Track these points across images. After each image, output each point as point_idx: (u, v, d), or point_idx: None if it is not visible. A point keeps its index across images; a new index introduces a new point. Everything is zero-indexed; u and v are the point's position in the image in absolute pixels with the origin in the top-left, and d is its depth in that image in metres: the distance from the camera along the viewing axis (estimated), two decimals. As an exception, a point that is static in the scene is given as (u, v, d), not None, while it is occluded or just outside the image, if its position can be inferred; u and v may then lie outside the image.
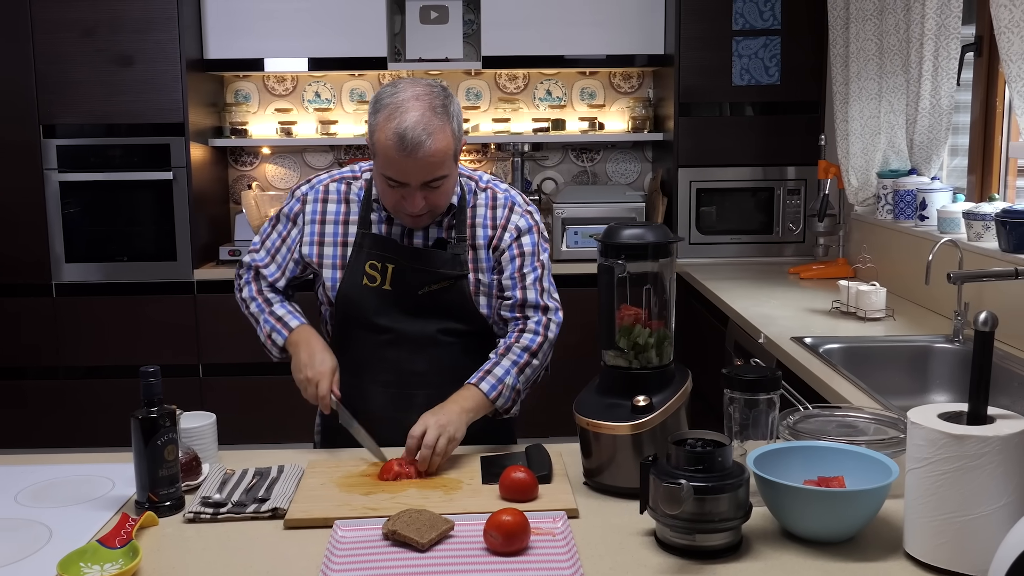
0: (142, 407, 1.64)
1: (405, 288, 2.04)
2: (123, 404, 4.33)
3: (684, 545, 1.45)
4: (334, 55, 4.52)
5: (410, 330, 2.06)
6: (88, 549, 1.46)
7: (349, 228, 2.09)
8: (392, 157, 1.90)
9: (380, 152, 1.93)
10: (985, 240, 2.91)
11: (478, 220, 2.08)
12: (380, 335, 2.06)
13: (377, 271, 2.04)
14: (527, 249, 2.07)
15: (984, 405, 1.39)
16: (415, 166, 1.90)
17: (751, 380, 1.63)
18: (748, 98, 4.39)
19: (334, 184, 2.13)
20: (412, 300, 2.05)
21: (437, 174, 1.93)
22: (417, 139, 1.87)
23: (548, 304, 2.08)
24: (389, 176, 1.93)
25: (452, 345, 2.08)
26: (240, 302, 2.20)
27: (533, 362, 2.03)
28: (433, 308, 2.06)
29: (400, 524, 1.51)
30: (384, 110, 1.92)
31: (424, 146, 1.88)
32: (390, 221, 2.07)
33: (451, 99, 1.97)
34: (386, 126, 1.90)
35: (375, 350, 2.08)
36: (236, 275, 2.23)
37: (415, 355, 2.06)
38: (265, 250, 2.17)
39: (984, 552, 1.32)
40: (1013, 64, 2.59)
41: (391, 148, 1.89)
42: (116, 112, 4.30)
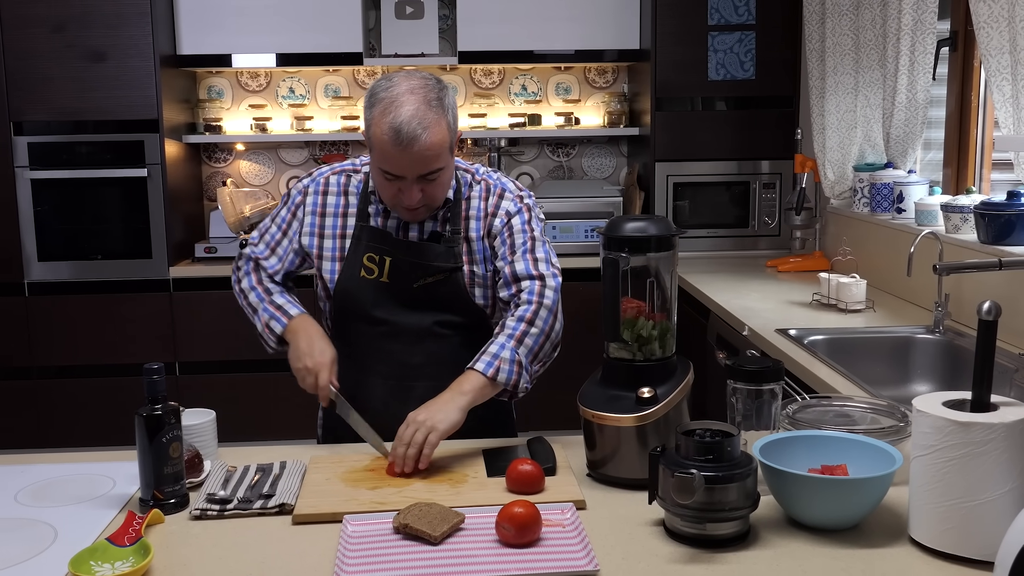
0: (146, 404, 1.62)
1: (402, 281, 2.05)
2: (97, 404, 4.30)
3: (694, 534, 1.46)
4: (307, 50, 4.50)
5: (407, 322, 2.06)
6: (98, 547, 1.45)
7: (348, 220, 2.09)
8: (388, 151, 1.90)
9: (376, 146, 1.93)
10: (963, 232, 2.96)
11: (472, 212, 2.09)
12: (377, 327, 2.07)
13: (375, 263, 2.05)
14: (516, 228, 2.07)
15: (988, 393, 1.41)
16: (411, 160, 1.90)
17: (755, 371, 1.65)
18: (723, 93, 4.42)
19: (334, 177, 2.14)
20: (409, 293, 2.05)
21: (433, 167, 1.93)
22: (413, 133, 1.87)
23: (543, 272, 2.03)
24: (386, 170, 1.94)
25: (449, 337, 2.09)
26: (238, 293, 2.19)
27: (531, 330, 1.96)
28: (429, 300, 2.06)
29: (411, 518, 1.51)
30: (379, 104, 1.92)
31: (420, 140, 1.88)
32: (387, 214, 2.07)
33: (446, 91, 1.97)
34: (381, 120, 1.90)
35: (373, 342, 2.08)
36: (234, 267, 2.22)
37: (412, 347, 2.07)
38: (264, 243, 2.17)
39: (989, 537, 1.35)
40: (992, 59, 2.64)
41: (387, 143, 1.89)
42: (88, 108, 4.25)
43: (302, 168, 4.94)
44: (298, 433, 4.01)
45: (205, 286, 4.34)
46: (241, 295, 2.18)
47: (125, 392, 4.25)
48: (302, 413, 4.28)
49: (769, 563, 1.42)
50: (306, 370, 1.97)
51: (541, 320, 1.99)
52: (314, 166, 4.86)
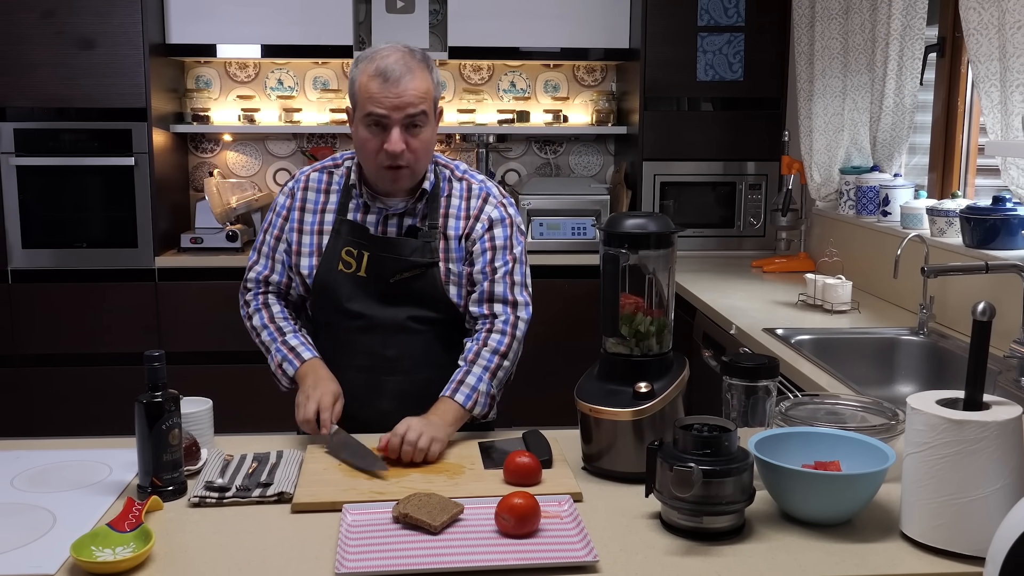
0: (146, 391, 1.63)
1: (378, 275, 2.07)
2: (81, 393, 4.28)
3: (691, 527, 1.49)
4: (296, 42, 4.49)
5: (381, 316, 2.08)
6: (99, 533, 1.45)
7: (326, 217, 2.11)
8: (374, 92, 1.96)
9: (362, 94, 1.98)
10: (948, 236, 3.00)
11: (452, 211, 2.10)
12: (353, 320, 2.09)
13: (353, 257, 2.07)
14: (499, 243, 2.09)
15: (980, 392, 1.44)
16: (396, 99, 1.95)
17: (751, 367, 1.67)
18: (712, 93, 4.45)
19: (315, 174, 2.16)
20: (385, 287, 2.07)
21: (418, 108, 1.98)
22: (398, 73, 1.95)
23: (517, 299, 2.08)
24: (369, 113, 1.97)
25: (423, 332, 2.10)
26: (250, 330, 2.17)
27: (504, 363, 2.03)
28: (404, 295, 2.08)
29: (411, 507, 1.52)
30: (365, 59, 2.01)
31: (404, 80, 1.95)
32: (366, 209, 2.09)
33: (429, 57, 2.05)
34: (368, 68, 1.98)
35: (349, 335, 2.10)
36: (242, 302, 2.19)
37: (387, 341, 2.09)
38: (263, 256, 2.17)
39: (980, 532, 1.38)
40: (981, 65, 2.68)
41: (373, 83, 1.96)
42: (76, 96, 4.22)
43: (289, 160, 4.93)
44: (283, 425, 4.00)
45: (191, 276, 4.32)
46: (253, 332, 2.17)
47: (109, 381, 4.24)
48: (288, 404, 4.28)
49: (764, 556, 1.44)
50: (307, 399, 1.94)
51: (513, 354, 2.06)
52: (301, 158, 4.88)
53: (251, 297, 2.17)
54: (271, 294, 2.16)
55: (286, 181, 2.21)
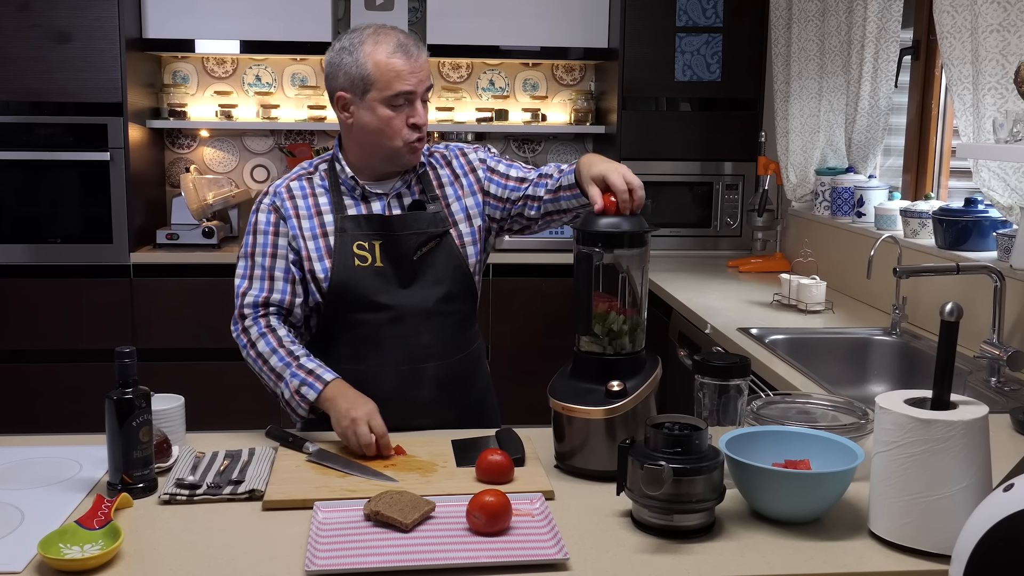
0: (117, 388, 1.62)
1: (397, 260, 2.05)
2: (56, 389, 4.25)
3: (661, 525, 1.49)
4: (274, 38, 4.47)
5: (410, 304, 2.07)
6: (67, 530, 1.45)
7: (324, 219, 2.08)
8: (399, 68, 1.98)
9: (383, 72, 1.99)
10: (921, 237, 3.03)
11: (443, 180, 2.15)
12: (382, 313, 2.06)
13: (365, 250, 2.05)
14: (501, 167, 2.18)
15: (948, 392, 1.46)
16: (420, 71, 2.01)
17: (722, 366, 1.68)
18: (689, 94, 4.47)
19: (294, 183, 2.12)
20: (406, 270, 2.06)
21: (430, 82, 2.06)
22: (416, 45, 2.02)
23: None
24: (399, 92, 1.99)
25: (451, 314, 2.11)
26: (253, 359, 2.01)
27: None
28: (428, 274, 2.08)
29: (382, 505, 1.52)
30: (367, 41, 2.00)
31: (422, 52, 2.03)
32: (365, 200, 2.09)
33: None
34: (379, 48, 1.99)
35: (379, 330, 2.06)
36: (239, 331, 2.04)
37: (420, 327, 2.07)
38: (257, 279, 2.05)
39: (947, 531, 1.39)
40: (955, 68, 2.70)
41: (397, 60, 1.98)
42: (51, 90, 4.19)
43: (267, 156, 4.91)
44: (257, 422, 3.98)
45: (166, 272, 4.30)
46: (257, 360, 2.00)
47: (82, 378, 4.21)
48: (262, 402, 4.27)
49: (733, 554, 1.45)
50: (353, 422, 1.81)
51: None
52: (279, 155, 4.86)
53: (251, 323, 2.03)
54: (272, 316, 2.04)
55: (260, 198, 2.11)
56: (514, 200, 2.13)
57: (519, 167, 2.18)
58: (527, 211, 2.12)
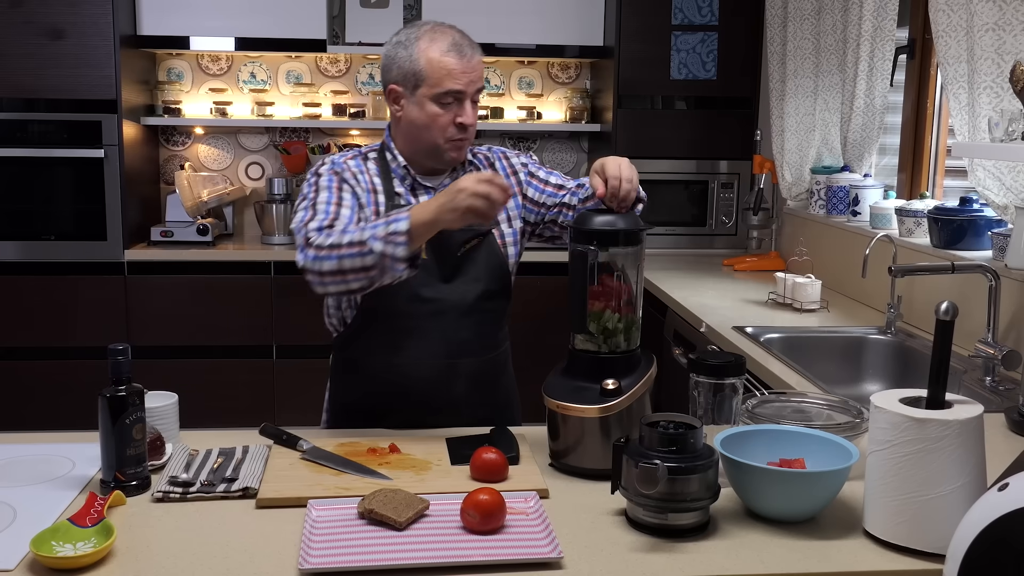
0: (110, 385, 1.61)
1: (441, 254, 2.05)
2: (50, 386, 4.24)
3: (655, 524, 1.49)
4: (269, 35, 4.46)
5: (451, 298, 2.06)
6: (59, 528, 1.44)
7: (378, 197, 2.08)
8: (452, 67, 1.99)
9: (435, 71, 2.00)
10: (916, 236, 3.03)
11: None
12: (424, 305, 2.05)
13: None
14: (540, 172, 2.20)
15: (943, 391, 1.45)
16: (472, 73, 2.03)
17: (717, 365, 1.68)
18: (685, 92, 4.47)
19: (351, 160, 2.13)
20: (449, 265, 2.06)
21: (482, 83, 2.08)
22: (470, 45, 2.04)
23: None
24: (448, 91, 2.00)
25: (491, 312, 2.12)
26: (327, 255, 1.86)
27: None
28: (470, 270, 2.08)
29: (376, 503, 1.52)
30: (421, 39, 2.02)
31: (477, 52, 2.05)
32: (414, 191, 2.10)
33: None
34: (433, 46, 2.01)
35: (420, 322, 2.05)
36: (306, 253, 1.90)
37: (458, 323, 2.07)
38: (322, 212, 1.97)
39: (941, 530, 1.39)
40: (950, 67, 2.70)
41: (450, 59, 2.00)
42: (45, 87, 4.18)
43: (262, 154, 4.90)
44: (253, 420, 3.97)
45: (160, 270, 4.29)
46: (332, 252, 1.86)
47: (76, 375, 4.20)
48: (257, 399, 4.26)
49: (728, 553, 1.45)
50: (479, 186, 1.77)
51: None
52: (274, 152, 4.85)
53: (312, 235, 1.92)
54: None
55: (315, 167, 2.09)
56: (550, 206, 2.16)
57: (558, 175, 2.21)
58: (560, 218, 2.15)
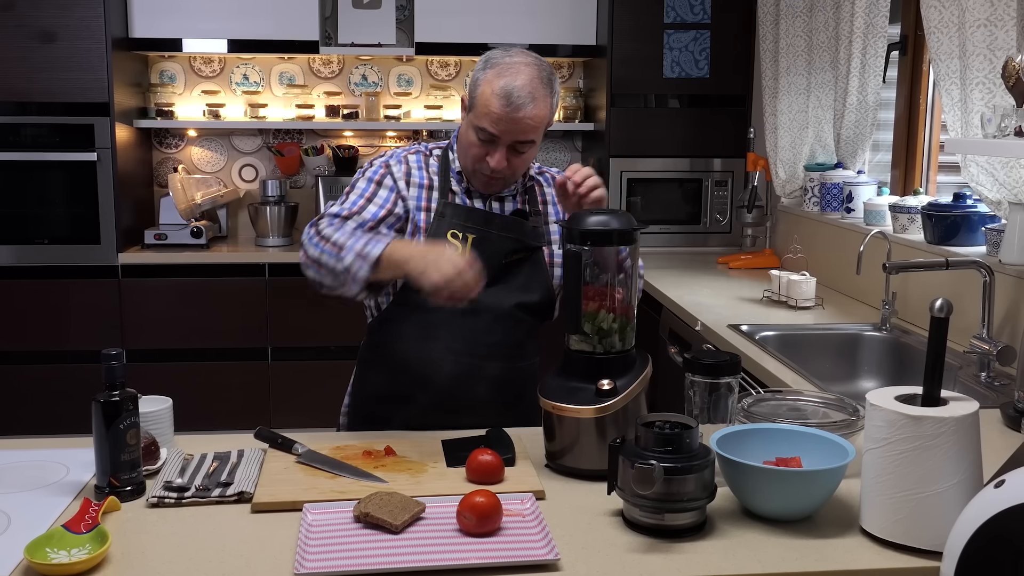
0: (104, 390, 1.61)
1: (485, 258, 1.99)
2: (44, 391, 4.23)
3: (652, 524, 1.49)
4: (261, 37, 4.46)
5: (488, 301, 2.03)
6: (54, 534, 1.43)
7: (432, 194, 2.09)
8: (493, 111, 1.96)
9: (481, 104, 1.98)
10: (910, 232, 3.03)
11: (548, 198, 2.17)
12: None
13: (458, 240, 2.04)
14: None
15: (938, 388, 1.45)
16: (512, 125, 1.96)
17: (713, 364, 1.67)
18: (678, 90, 4.47)
19: (412, 156, 2.14)
20: (492, 270, 2.03)
21: (528, 137, 2.00)
22: (521, 100, 1.95)
23: None
24: (483, 128, 1.98)
25: (525, 322, 2.11)
26: (314, 243, 1.94)
27: None
28: (511, 279, 2.08)
29: (372, 506, 1.51)
30: (496, 67, 1.99)
31: (526, 108, 1.96)
32: (470, 193, 2.10)
33: (555, 77, 2.06)
34: (495, 81, 1.97)
35: (451, 318, 2.03)
36: (307, 231, 1.99)
37: (491, 326, 2.06)
38: (345, 206, 2.03)
39: (938, 528, 1.39)
40: (942, 63, 2.70)
41: (495, 103, 1.96)
42: (37, 90, 4.17)
43: (255, 156, 4.89)
44: (248, 423, 3.97)
45: (155, 273, 4.29)
46: (320, 243, 1.93)
47: (70, 379, 4.19)
48: (251, 402, 4.25)
49: (725, 553, 1.44)
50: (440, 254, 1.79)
51: None
52: (267, 154, 4.84)
53: (322, 221, 2.00)
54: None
55: (374, 158, 2.12)
56: None
57: None
58: None
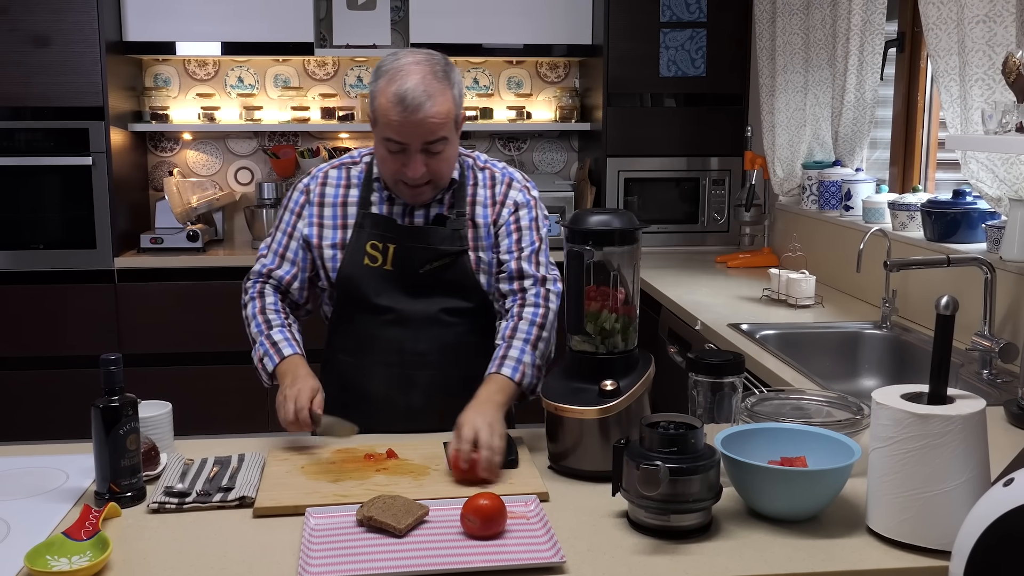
0: (103, 395, 1.59)
1: (407, 267, 2.04)
2: (41, 396, 4.21)
3: (658, 526, 1.47)
4: (256, 39, 4.44)
5: (412, 310, 2.05)
6: (54, 541, 1.42)
7: (348, 210, 2.08)
8: (393, 119, 1.92)
9: (381, 116, 1.94)
10: (910, 230, 3.02)
11: (478, 198, 2.10)
12: (381, 315, 2.05)
13: (378, 251, 2.04)
14: (524, 223, 2.09)
15: (944, 386, 1.44)
16: (415, 127, 1.92)
17: (716, 364, 1.66)
18: (674, 89, 4.46)
19: (333, 171, 2.13)
20: (414, 279, 2.04)
21: (438, 135, 1.94)
22: (417, 100, 1.90)
23: (547, 275, 2.07)
24: (390, 138, 1.95)
25: (455, 325, 2.08)
26: (243, 319, 2.12)
27: (543, 335, 1.99)
28: (435, 287, 2.06)
29: (375, 510, 1.50)
30: (385, 75, 1.95)
31: (424, 107, 1.90)
32: (391, 201, 2.08)
33: (452, 68, 2.00)
34: (387, 89, 1.92)
35: (377, 330, 2.06)
36: (243, 288, 2.15)
37: (417, 335, 2.06)
38: (272, 252, 2.13)
39: (946, 527, 1.38)
40: (940, 60, 2.69)
41: (392, 109, 1.91)
42: (31, 94, 4.15)
43: (251, 159, 4.87)
44: (246, 426, 3.96)
45: (151, 277, 4.26)
46: (244, 321, 2.11)
47: (67, 384, 4.17)
48: (250, 406, 4.24)
49: (731, 554, 1.43)
50: (284, 398, 1.87)
51: (549, 324, 2.02)
52: (263, 157, 4.82)
53: (250, 285, 2.13)
54: (269, 285, 2.11)
55: (301, 178, 2.17)
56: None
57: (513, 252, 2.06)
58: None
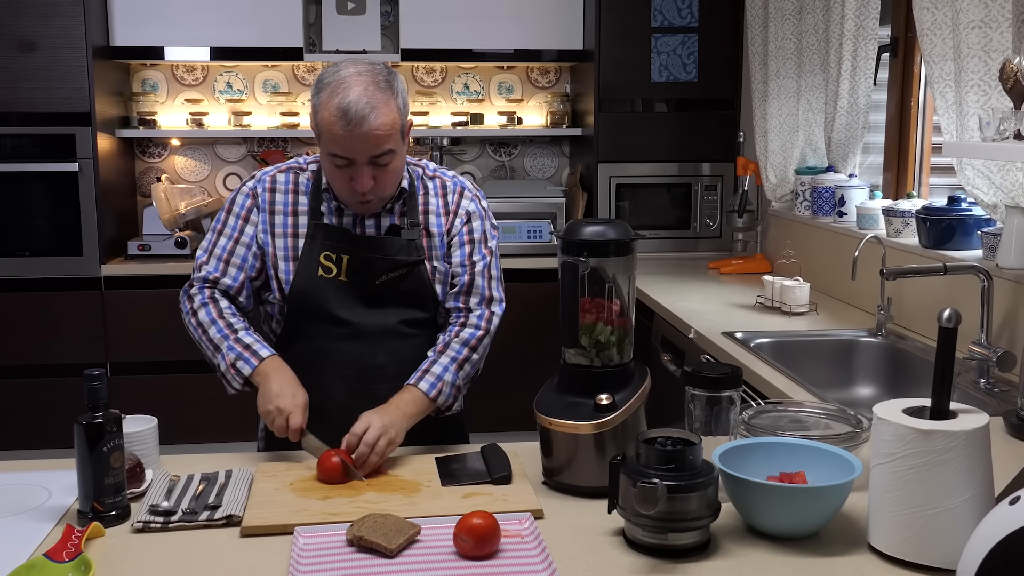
0: (86, 412, 1.55)
1: (362, 278, 2.00)
2: (25, 406, 4.16)
3: (655, 544, 1.44)
4: (245, 44, 4.40)
5: (369, 322, 2.01)
6: (35, 564, 1.38)
7: (299, 219, 2.03)
8: (337, 133, 1.87)
9: (325, 130, 1.90)
10: (904, 236, 3.00)
11: (431, 207, 2.07)
12: (338, 328, 2.01)
13: (332, 262, 2.00)
14: (476, 236, 2.07)
15: (947, 400, 1.42)
16: (360, 141, 1.87)
17: (713, 377, 1.63)
18: (666, 94, 4.44)
19: (281, 175, 2.07)
20: (370, 291, 2.01)
21: (384, 148, 1.90)
22: (361, 113, 1.86)
23: (493, 295, 2.06)
24: (335, 154, 1.90)
25: (414, 337, 2.05)
26: (193, 327, 2.01)
27: (472, 356, 2.01)
28: (392, 298, 2.02)
29: (366, 529, 1.47)
30: (326, 89, 1.90)
31: (368, 120, 1.86)
32: (340, 211, 2.03)
33: (395, 76, 1.96)
34: (329, 103, 1.88)
35: (334, 343, 2.02)
36: (184, 296, 2.05)
37: (375, 347, 2.02)
38: (215, 258, 2.03)
39: (950, 545, 1.35)
40: (935, 65, 2.67)
41: (335, 124, 1.87)
42: (17, 100, 4.10)
43: (240, 164, 4.83)
44: (235, 435, 3.91)
45: (138, 284, 4.22)
46: (198, 329, 2.00)
47: (54, 394, 4.12)
48: (239, 415, 4.19)
49: (730, 572, 1.40)
50: (278, 411, 1.83)
51: (482, 348, 2.04)
52: (252, 163, 4.78)
53: (196, 291, 2.03)
54: (218, 291, 2.03)
55: (244, 180, 2.09)
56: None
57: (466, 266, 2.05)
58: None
